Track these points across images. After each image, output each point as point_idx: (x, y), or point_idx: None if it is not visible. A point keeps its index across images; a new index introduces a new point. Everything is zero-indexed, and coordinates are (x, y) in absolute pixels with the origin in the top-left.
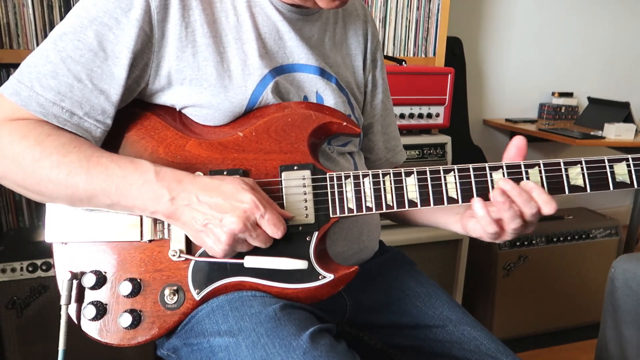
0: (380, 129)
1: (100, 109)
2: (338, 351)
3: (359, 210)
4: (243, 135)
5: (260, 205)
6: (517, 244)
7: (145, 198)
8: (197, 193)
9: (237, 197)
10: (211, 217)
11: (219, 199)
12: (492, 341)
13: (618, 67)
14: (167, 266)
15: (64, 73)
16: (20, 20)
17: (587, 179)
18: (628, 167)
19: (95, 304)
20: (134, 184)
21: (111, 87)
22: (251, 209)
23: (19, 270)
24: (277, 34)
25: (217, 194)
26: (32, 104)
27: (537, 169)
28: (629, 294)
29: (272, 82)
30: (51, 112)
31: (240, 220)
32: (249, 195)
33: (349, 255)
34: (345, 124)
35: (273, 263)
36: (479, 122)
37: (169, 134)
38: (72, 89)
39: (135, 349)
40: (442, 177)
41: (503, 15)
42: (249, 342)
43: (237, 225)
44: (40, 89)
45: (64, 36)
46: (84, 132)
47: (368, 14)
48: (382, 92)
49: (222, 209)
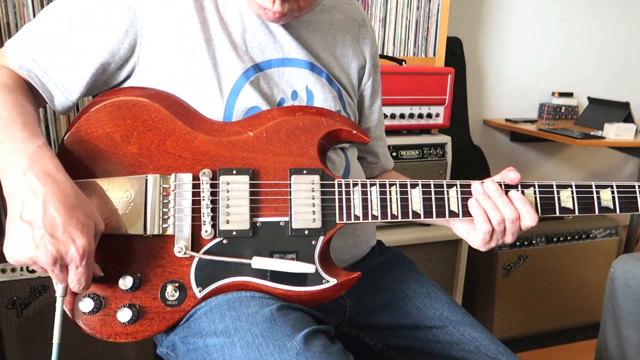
0: (378, 134)
1: (71, 78)
2: (331, 352)
3: (364, 218)
4: (253, 135)
5: (84, 260)
6: (517, 244)
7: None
8: (49, 189)
9: (72, 236)
10: (34, 220)
11: (58, 219)
12: (492, 342)
13: (618, 67)
14: (169, 262)
15: (52, 37)
16: (20, 20)
17: (576, 202)
18: (612, 193)
19: (93, 297)
20: (10, 139)
21: (87, 61)
22: (73, 257)
23: (19, 270)
24: (267, 28)
25: (62, 213)
26: (17, 57)
27: (532, 190)
28: (629, 294)
29: (252, 77)
30: (27, 66)
31: (52, 258)
32: (81, 243)
33: (343, 249)
34: (355, 132)
35: (281, 265)
36: (479, 122)
37: (177, 127)
38: (54, 52)
39: (134, 347)
40: (445, 192)
41: (503, 15)
42: (244, 342)
43: (46, 258)
44: (29, 46)
45: (62, 5)
46: (47, 92)
47: (366, 20)
48: (379, 98)
49: (51, 229)
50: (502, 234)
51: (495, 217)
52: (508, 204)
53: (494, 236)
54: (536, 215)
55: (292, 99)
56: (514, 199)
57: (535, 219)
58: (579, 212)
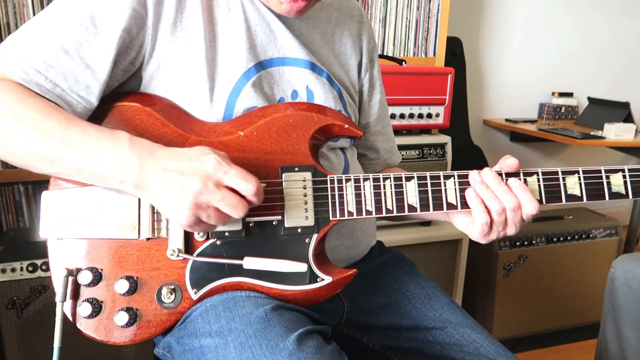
0: (379, 129)
1: (85, 84)
2: (324, 352)
3: (358, 213)
4: (244, 134)
5: (224, 163)
6: (517, 244)
7: (116, 165)
8: (165, 161)
9: (200, 159)
10: (174, 182)
11: (183, 163)
12: (492, 344)
13: (618, 67)
14: (165, 265)
15: (53, 44)
16: (20, 20)
17: (584, 188)
18: (624, 177)
19: (91, 301)
20: (108, 147)
21: (98, 63)
22: (213, 167)
23: (19, 270)
24: (268, 27)
25: (183, 159)
26: (17, 71)
27: (535, 177)
28: (629, 294)
29: (254, 77)
30: (34, 80)
31: (200, 179)
32: (212, 156)
33: (342, 249)
34: (347, 126)
35: (272, 265)
36: (479, 122)
37: (168, 131)
38: (59, 60)
39: (134, 348)
40: (442, 183)
41: (503, 15)
42: (237, 343)
43: (198, 185)
44: (28, 57)
45: (58, 8)
46: (64, 104)
47: (364, 16)
48: (379, 92)
49: (184, 172)
50: (503, 224)
51: (495, 207)
52: (508, 192)
53: (494, 227)
54: (537, 202)
55: (292, 99)
56: (513, 187)
57: (537, 206)
58: (587, 199)
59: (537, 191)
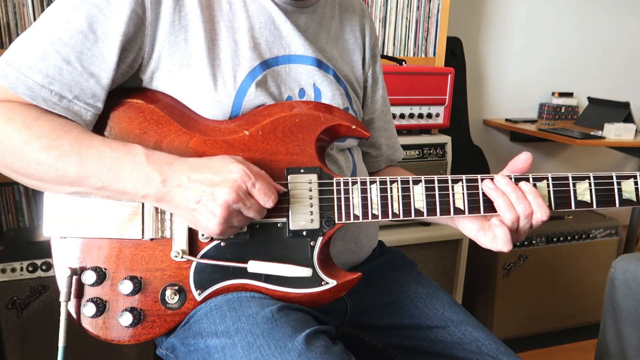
0: (382, 125)
1: (90, 92)
2: (333, 353)
3: (364, 217)
4: (249, 134)
5: (251, 174)
6: (517, 244)
7: (136, 181)
8: (188, 173)
9: (227, 169)
10: (203, 192)
11: (209, 174)
12: (493, 342)
13: (618, 67)
14: (169, 265)
15: (53, 55)
16: (20, 20)
17: (594, 194)
18: (636, 184)
19: (95, 301)
20: (126, 166)
21: (101, 70)
22: (242, 178)
23: (19, 270)
24: (273, 24)
25: (207, 170)
26: (20, 87)
27: (545, 182)
28: (629, 294)
29: (260, 76)
30: (40, 95)
31: (232, 190)
32: (238, 166)
33: (346, 254)
34: (354, 127)
35: (277, 269)
36: (479, 122)
37: (172, 129)
38: (61, 71)
39: (135, 348)
40: (450, 187)
41: (503, 15)
42: (245, 343)
43: (230, 195)
44: (29, 72)
45: (53, 17)
46: (74, 115)
47: (365, 10)
48: (382, 88)
49: (213, 183)
50: (514, 232)
51: (509, 216)
52: (522, 200)
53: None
54: (547, 209)
55: (300, 97)
56: (525, 192)
57: (547, 212)
58: (597, 206)
59: (547, 197)
